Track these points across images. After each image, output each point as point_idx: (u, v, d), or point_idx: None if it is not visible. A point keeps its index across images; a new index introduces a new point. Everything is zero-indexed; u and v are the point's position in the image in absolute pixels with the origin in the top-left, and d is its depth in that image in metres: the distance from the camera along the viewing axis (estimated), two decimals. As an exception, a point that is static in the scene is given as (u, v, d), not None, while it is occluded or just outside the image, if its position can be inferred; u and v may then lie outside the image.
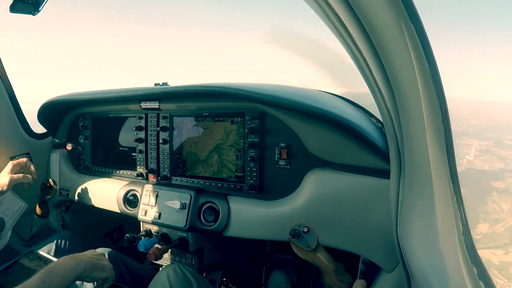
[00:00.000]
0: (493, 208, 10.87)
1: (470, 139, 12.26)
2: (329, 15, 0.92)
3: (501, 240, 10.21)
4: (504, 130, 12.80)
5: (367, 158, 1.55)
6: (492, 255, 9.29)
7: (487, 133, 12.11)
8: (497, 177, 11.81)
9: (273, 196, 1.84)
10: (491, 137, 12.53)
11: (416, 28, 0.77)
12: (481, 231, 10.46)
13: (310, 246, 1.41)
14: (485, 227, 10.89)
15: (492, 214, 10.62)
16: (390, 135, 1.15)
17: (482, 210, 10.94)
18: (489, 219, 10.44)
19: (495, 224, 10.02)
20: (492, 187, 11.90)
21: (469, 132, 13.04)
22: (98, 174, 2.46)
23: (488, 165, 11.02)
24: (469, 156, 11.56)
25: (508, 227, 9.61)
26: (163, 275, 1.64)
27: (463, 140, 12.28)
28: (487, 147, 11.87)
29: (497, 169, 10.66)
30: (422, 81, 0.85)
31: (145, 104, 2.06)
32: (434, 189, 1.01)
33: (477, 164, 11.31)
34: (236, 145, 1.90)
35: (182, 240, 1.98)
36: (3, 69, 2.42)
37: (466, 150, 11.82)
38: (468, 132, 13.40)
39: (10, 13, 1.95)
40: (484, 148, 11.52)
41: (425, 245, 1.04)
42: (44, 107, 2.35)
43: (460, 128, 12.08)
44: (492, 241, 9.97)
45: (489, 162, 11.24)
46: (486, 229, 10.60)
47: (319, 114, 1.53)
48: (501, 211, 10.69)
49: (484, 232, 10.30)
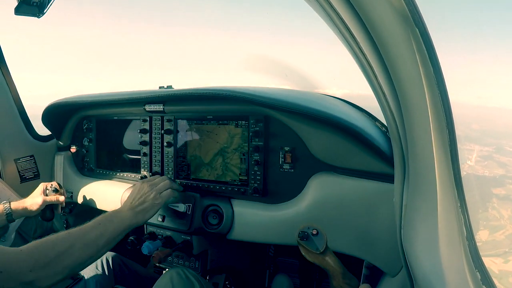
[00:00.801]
0: (493, 214, 10.54)
1: (472, 145, 12.03)
2: (334, 19, 0.93)
3: (501, 248, 9.89)
4: (506, 136, 12.81)
5: (371, 162, 1.55)
6: (491, 263, 9.05)
7: (488, 139, 11.87)
8: (498, 184, 11.52)
9: (277, 200, 1.85)
10: (493, 143, 12.33)
11: (420, 32, 0.77)
12: (481, 238, 10.21)
13: (319, 249, 1.40)
14: (485, 234, 10.55)
15: (492, 221, 10.26)
16: (394, 139, 1.15)
17: (482, 217, 10.66)
18: (489, 226, 10.13)
19: (495, 231, 9.67)
20: (493, 193, 11.64)
21: (471, 137, 12.84)
22: (102, 177, 2.47)
23: (489, 171, 10.73)
24: (470, 161, 11.35)
25: (508, 234, 9.24)
26: (167, 278, 1.64)
27: (465, 145, 12.08)
28: (488, 153, 11.62)
29: (498, 175, 10.39)
30: (426, 85, 0.85)
31: (150, 107, 2.06)
32: (438, 193, 1.01)
33: (478, 170, 11.01)
34: (241, 148, 1.91)
35: (186, 243, 1.98)
36: (8, 72, 2.44)
37: (467, 156, 11.61)
38: (470, 137, 13.21)
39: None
40: (485, 153, 11.26)
41: (429, 250, 1.04)
42: (49, 109, 2.36)
43: (462, 132, 11.91)
44: (492, 249, 9.68)
45: (489, 168, 10.96)
46: (486, 236, 10.27)
47: (323, 118, 1.54)
48: (501, 218, 10.35)
49: (485, 239, 10.01)
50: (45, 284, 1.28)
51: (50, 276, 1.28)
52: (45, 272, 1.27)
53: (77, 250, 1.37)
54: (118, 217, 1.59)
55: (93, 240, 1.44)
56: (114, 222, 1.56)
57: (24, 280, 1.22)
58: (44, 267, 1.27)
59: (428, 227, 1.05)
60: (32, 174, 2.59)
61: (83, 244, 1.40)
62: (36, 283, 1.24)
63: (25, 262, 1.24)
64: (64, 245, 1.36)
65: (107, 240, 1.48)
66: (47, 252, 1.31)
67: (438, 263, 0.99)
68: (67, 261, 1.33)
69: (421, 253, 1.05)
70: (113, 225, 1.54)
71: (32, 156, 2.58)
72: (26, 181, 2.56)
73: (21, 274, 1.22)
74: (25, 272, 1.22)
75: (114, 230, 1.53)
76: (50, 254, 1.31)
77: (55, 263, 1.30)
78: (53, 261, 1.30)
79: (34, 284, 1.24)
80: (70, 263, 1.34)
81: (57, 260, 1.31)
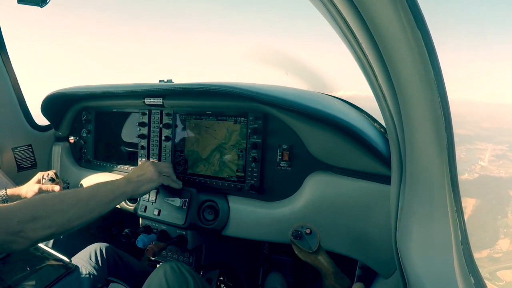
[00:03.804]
0: (513, 220, 9.96)
1: (483, 143, 11.73)
2: (337, 19, 0.92)
3: (526, 259, 9.17)
4: (519, 134, 12.35)
5: (369, 163, 1.55)
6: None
7: (501, 137, 11.67)
8: (517, 185, 11.06)
9: (273, 197, 1.84)
10: (506, 141, 12.07)
11: (422, 35, 0.77)
12: (501, 248, 9.51)
13: (312, 248, 1.40)
14: (507, 243, 9.86)
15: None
16: (392, 141, 1.15)
17: (502, 224, 10.07)
18: (510, 234, 9.56)
19: (518, 239, 9.11)
20: (511, 196, 11.15)
21: (482, 136, 12.62)
22: (99, 169, 2.47)
23: (505, 171, 10.32)
24: (483, 161, 11.00)
25: (531, 243, 8.67)
26: (160, 272, 1.64)
27: (475, 145, 11.71)
28: (502, 152, 11.31)
29: (515, 176, 10.04)
30: (427, 89, 0.85)
31: (149, 100, 2.06)
32: (435, 197, 1.01)
33: (492, 171, 10.57)
34: (238, 145, 1.91)
35: (181, 238, 1.98)
36: (8, 61, 2.43)
37: (479, 155, 11.23)
38: (480, 136, 12.96)
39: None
40: (499, 152, 10.95)
41: (423, 253, 1.04)
42: (48, 99, 2.35)
43: (471, 132, 11.63)
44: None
45: (505, 167, 10.55)
46: (507, 245, 9.60)
47: (322, 117, 1.53)
48: (524, 224, 9.78)
49: (506, 249, 9.37)
50: (32, 236, 1.27)
51: (37, 229, 1.28)
52: (33, 224, 1.27)
53: (67, 206, 1.38)
54: (112, 183, 1.63)
55: (84, 199, 1.46)
56: (107, 186, 1.59)
57: (10, 230, 1.22)
58: (32, 220, 1.27)
59: (423, 230, 1.05)
60: (29, 163, 2.59)
61: (73, 201, 1.42)
62: (23, 234, 1.24)
63: (13, 213, 1.25)
64: (54, 200, 1.38)
65: (98, 202, 1.50)
66: (36, 206, 1.32)
67: (432, 267, 0.99)
68: (55, 216, 1.34)
69: (416, 256, 1.05)
70: (105, 189, 1.57)
71: (30, 146, 2.58)
72: (23, 170, 2.56)
73: (8, 224, 1.22)
74: (12, 223, 1.22)
75: (106, 194, 1.55)
76: (39, 207, 1.31)
77: (43, 217, 1.30)
78: (41, 215, 1.30)
79: (21, 235, 1.24)
80: (58, 218, 1.35)
81: (46, 214, 1.31)
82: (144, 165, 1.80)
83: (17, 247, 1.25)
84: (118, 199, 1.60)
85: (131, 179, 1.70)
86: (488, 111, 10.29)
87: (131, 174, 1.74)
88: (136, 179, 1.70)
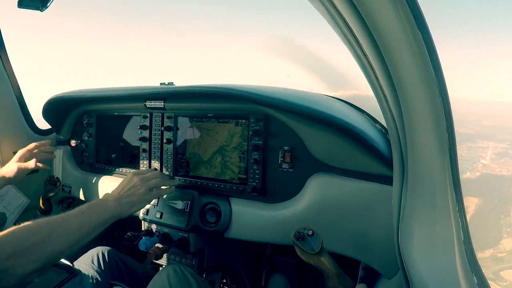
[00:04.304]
0: (518, 219, 9.80)
1: (485, 142, 11.66)
2: (337, 20, 0.92)
3: (530, 259, 8.99)
4: (521, 132, 12.26)
5: (371, 164, 1.55)
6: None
7: (502, 135, 11.57)
8: (519, 183, 10.93)
9: (275, 199, 1.84)
10: (508, 139, 11.94)
11: (423, 36, 0.77)
12: (505, 248, 9.36)
13: (314, 250, 1.40)
14: (510, 242, 9.74)
15: (515, 227, 9.53)
16: (394, 141, 1.15)
17: (505, 222, 9.98)
18: None
19: (522, 238, 8.95)
20: None
21: (483, 134, 12.52)
22: (101, 172, 2.47)
23: (507, 169, 10.23)
24: (485, 160, 10.89)
25: (537, 242, 8.52)
26: (163, 275, 1.64)
27: (477, 143, 11.62)
28: (504, 150, 11.23)
29: (517, 174, 9.91)
30: (427, 89, 0.85)
31: (150, 103, 2.06)
32: (437, 196, 1.01)
33: (494, 169, 10.47)
34: (240, 147, 1.91)
35: (183, 241, 1.98)
36: (10, 66, 2.44)
37: (480, 154, 11.15)
38: (482, 134, 12.88)
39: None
40: (501, 150, 10.85)
41: (426, 253, 1.04)
42: (49, 103, 2.36)
43: (473, 130, 11.52)
44: (515, 259, 8.90)
45: (507, 166, 10.46)
46: (511, 245, 9.48)
47: (323, 119, 1.53)
48: (528, 223, 9.61)
49: (509, 248, 9.25)
50: (21, 272, 1.19)
51: (26, 264, 1.20)
52: (21, 260, 1.19)
53: (56, 238, 1.30)
54: (102, 207, 1.55)
55: (73, 229, 1.38)
56: (97, 212, 1.51)
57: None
58: (20, 255, 1.19)
59: (426, 230, 1.05)
60: (31, 167, 2.59)
61: (63, 232, 1.34)
62: (10, 271, 1.16)
63: (1, 250, 1.16)
64: (42, 232, 1.28)
65: (89, 230, 1.43)
66: (24, 240, 1.23)
67: (435, 267, 0.99)
68: (44, 249, 1.26)
69: (418, 256, 1.05)
70: (96, 215, 1.49)
71: (32, 150, 2.58)
72: (25, 174, 2.56)
73: None
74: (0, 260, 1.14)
75: (97, 220, 1.48)
76: (27, 241, 1.23)
77: (32, 251, 1.22)
78: (30, 249, 1.22)
79: (9, 272, 1.15)
80: (48, 251, 1.27)
81: (34, 248, 1.23)
82: (132, 182, 1.72)
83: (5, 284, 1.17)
84: (108, 222, 1.54)
85: (121, 200, 1.62)
86: (489, 109, 10.29)
87: (120, 193, 1.67)
88: (126, 200, 1.63)
